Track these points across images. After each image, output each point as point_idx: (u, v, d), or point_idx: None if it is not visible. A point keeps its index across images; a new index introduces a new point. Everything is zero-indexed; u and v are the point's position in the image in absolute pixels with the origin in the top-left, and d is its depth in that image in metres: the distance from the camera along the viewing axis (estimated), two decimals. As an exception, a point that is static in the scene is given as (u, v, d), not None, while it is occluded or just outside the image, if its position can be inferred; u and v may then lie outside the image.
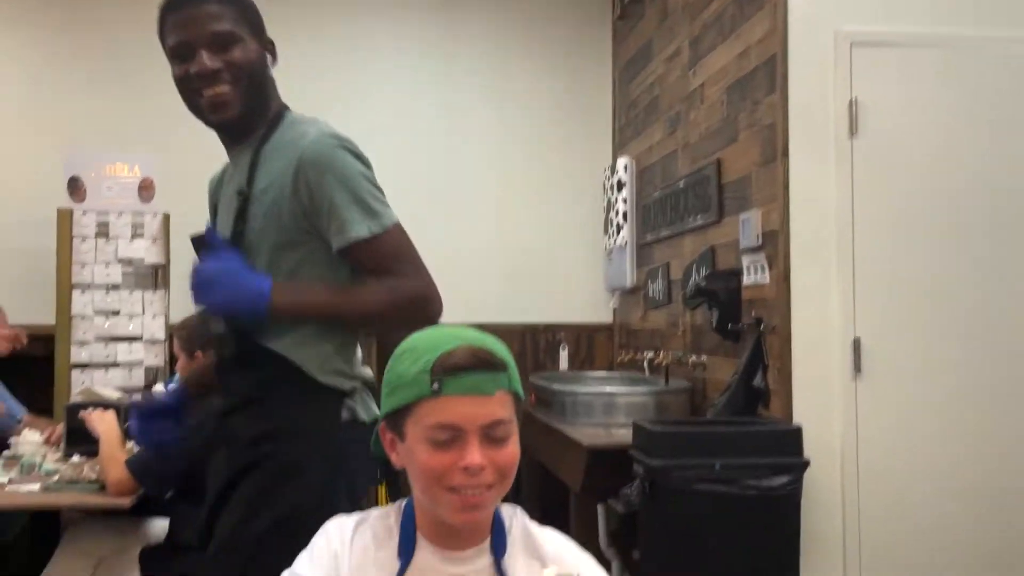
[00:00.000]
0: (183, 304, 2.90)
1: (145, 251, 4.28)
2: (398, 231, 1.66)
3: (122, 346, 4.15)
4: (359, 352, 1.75)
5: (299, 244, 1.63)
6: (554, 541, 1.21)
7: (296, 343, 1.63)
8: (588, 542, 3.83)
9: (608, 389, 4.01)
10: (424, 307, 1.66)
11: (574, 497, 3.63)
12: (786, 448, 2.89)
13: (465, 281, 4.92)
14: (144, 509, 2.87)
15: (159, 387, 3.21)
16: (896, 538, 3.09)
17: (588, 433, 3.47)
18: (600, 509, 3.81)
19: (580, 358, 5.19)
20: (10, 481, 2.69)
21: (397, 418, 1.13)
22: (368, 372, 1.75)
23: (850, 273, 3.10)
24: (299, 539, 1.17)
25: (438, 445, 1.08)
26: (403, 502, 1.19)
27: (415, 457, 1.11)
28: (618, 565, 3.84)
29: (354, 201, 1.60)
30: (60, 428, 3.08)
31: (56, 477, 2.68)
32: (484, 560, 1.15)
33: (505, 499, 1.19)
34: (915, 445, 3.11)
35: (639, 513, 3.10)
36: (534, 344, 5.14)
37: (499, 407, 1.10)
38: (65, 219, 4.19)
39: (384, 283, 1.62)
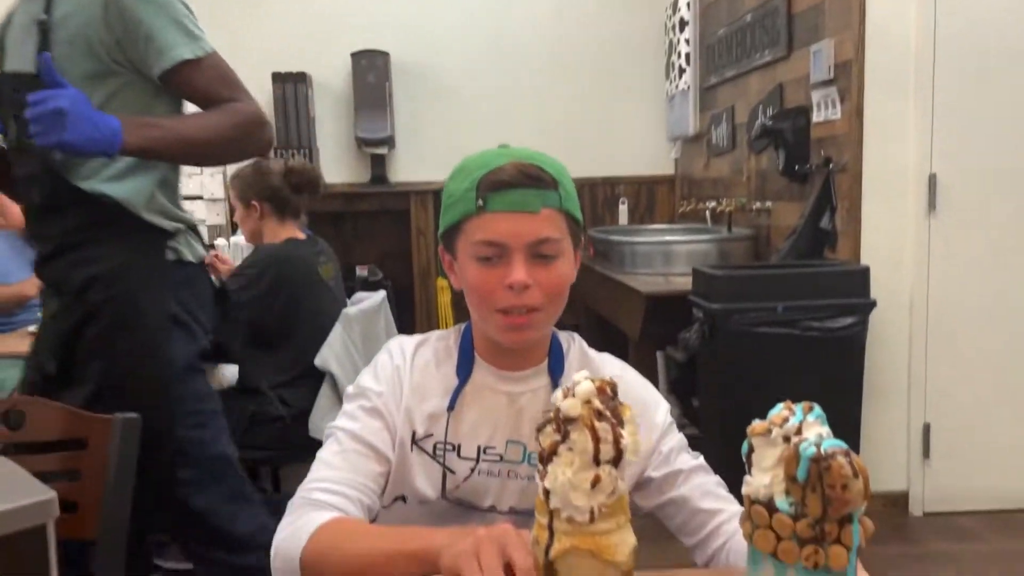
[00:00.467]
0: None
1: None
2: (219, 57, 1.61)
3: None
4: (181, 191, 1.73)
5: (110, 76, 1.57)
6: (611, 364, 1.19)
7: (114, 178, 1.58)
8: (648, 390, 3.87)
9: (668, 238, 3.93)
10: (263, 130, 1.64)
11: (633, 346, 3.64)
12: (853, 289, 2.81)
13: (521, 134, 4.79)
14: (215, 355, 2.97)
15: (220, 242, 3.25)
16: (961, 382, 3.02)
17: (647, 282, 3.43)
18: (659, 357, 3.82)
19: (640, 212, 5.09)
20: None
21: (450, 237, 1.11)
22: (191, 216, 1.73)
23: (928, 106, 2.91)
24: (143, 387, 1.12)
25: (484, 262, 1.07)
26: (463, 325, 1.19)
27: (465, 275, 1.10)
28: (678, 413, 3.88)
29: (174, 24, 1.54)
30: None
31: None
32: (541, 380, 1.14)
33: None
34: (987, 287, 2.98)
35: (698, 358, 3.09)
36: (592, 199, 5.04)
37: (546, 225, 1.06)
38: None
39: (222, 109, 1.58)
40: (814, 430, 0.71)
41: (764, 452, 0.74)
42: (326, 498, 1.02)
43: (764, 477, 0.72)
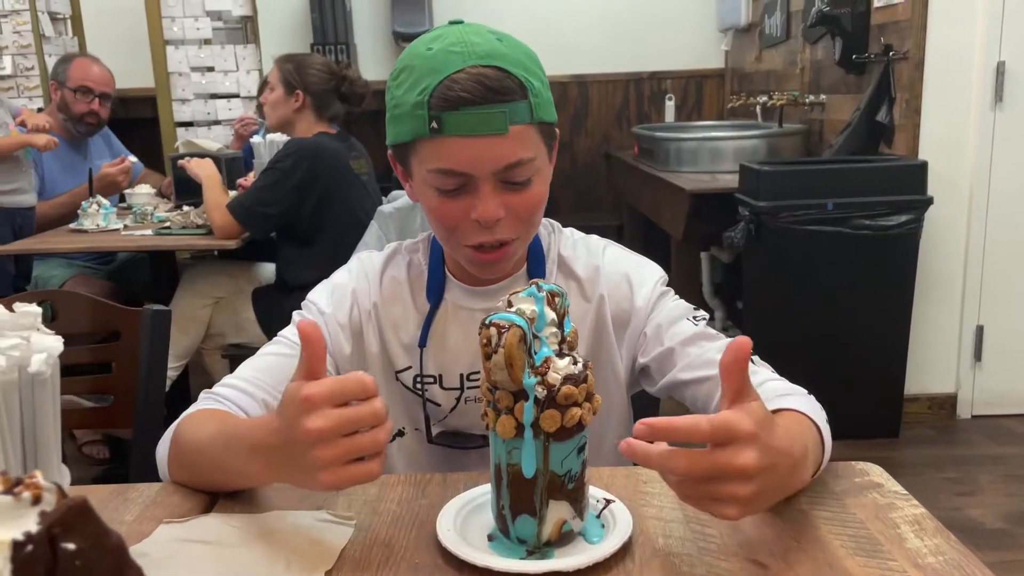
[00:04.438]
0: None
1: (232, 2, 4.16)
2: None
3: (221, 103, 4.16)
4: None
5: None
6: (594, 248, 1.06)
7: None
8: (691, 292, 3.81)
9: (715, 134, 3.79)
10: None
11: (676, 246, 3.56)
12: (909, 185, 2.68)
13: (564, 29, 4.63)
14: (254, 254, 2.98)
15: (256, 139, 3.21)
16: (1019, 283, 2.90)
17: (691, 179, 3.32)
18: (704, 258, 3.74)
19: (687, 108, 4.91)
20: (125, 227, 2.82)
21: (401, 151, 0.95)
22: None
23: (1001, -14, 2.70)
24: None
25: (445, 193, 0.91)
26: (430, 235, 1.05)
27: (425, 202, 0.95)
28: (722, 315, 3.83)
29: None
30: (170, 180, 3.16)
31: (167, 224, 2.78)
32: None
33: None
34: (1056, 183, 2.83)
35: (743, 258, 3.01)
36: (638, 95, 4.87)
37: (517, 145, 0.89)
38: (149, -28, 4.08)
39: None
40: (525, 305, 0.71)
41: None
42: (223, 391, 0.94)
43: None
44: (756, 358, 0.95)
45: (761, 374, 0.92)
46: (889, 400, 2.84)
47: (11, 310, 0.62)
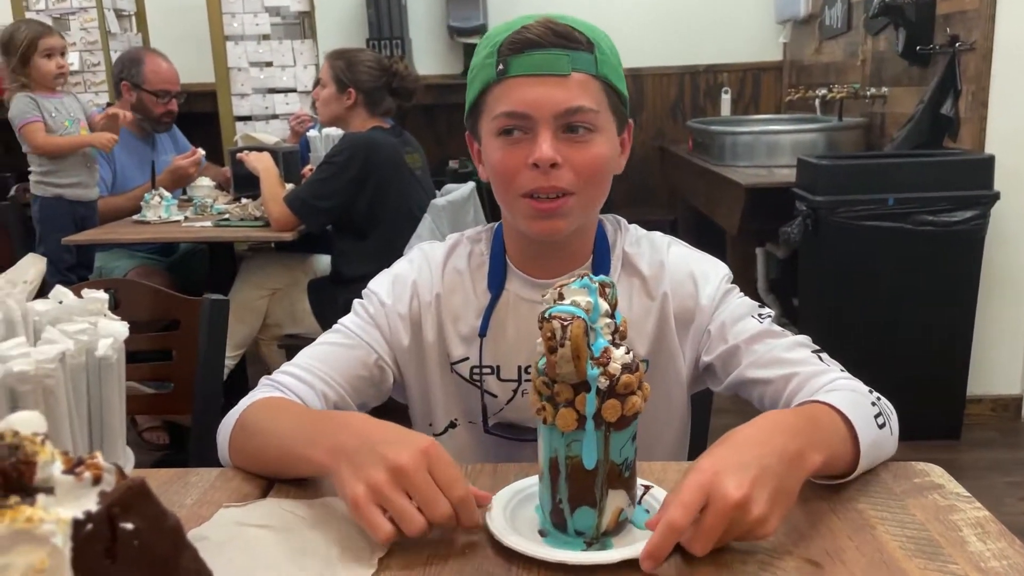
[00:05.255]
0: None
1: (289, -2, 4.23)
2: None
3: (278, 97, 4.22)
4: None
5: None
6: (659, 244, 1.04)
7: None
8: (745, 288, 3.75)
9: (772, 128, 3.72)
10: None
11: (730, 241, 3.52)
12: (974, 180, 2.60)
13: (618, 22, 4.58)
14: (310, 246, 3.03)
15: (312, 133, 3.25)
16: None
17: (747, 173, 3.28)
18: (759, 254, 3.69)
19: (744, 101, 4.83)
20: (186, 219, 2.89)
21: (474, 119, 0.98)
22: None
23: (1076, -27, 2.60)
24: None
25: (506, 139, 0.93)
26: (495, 225, 1.06)
27: (488, 159, 0.96)
28: (777, 312, 3.77)
29: None
30: (228, 172, 3.23)
31: (226, 216, 2.83)
32: None
33: None
34: None
35: (800, 254, 2.95)
36: (693, 88, 4.81)
37: (579, 91, 0.91)
38: (211, -30, 4.16)
39: None
40: (579, 296, 0.71)
41: None
42: (284, 379, 0.95)
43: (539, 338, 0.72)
44: (825, 356, 0.94)
45: (829, 374, 0.90)
46: (950, 401, 2.76)
47: (79, 295, 0.64)
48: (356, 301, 1.07)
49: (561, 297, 0.72)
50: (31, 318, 0.62)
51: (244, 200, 2.95)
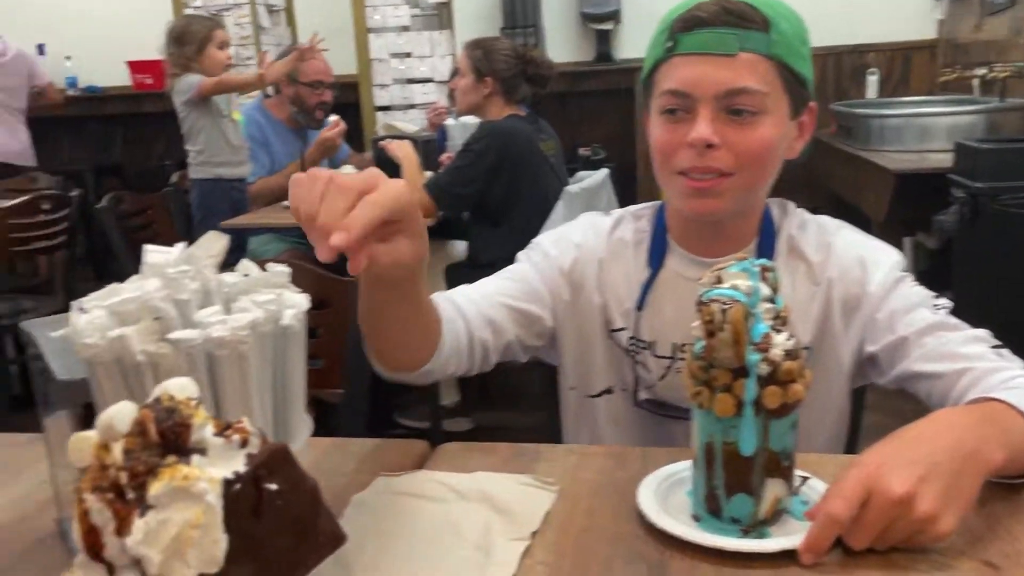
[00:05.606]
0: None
1: (428, -11, 4.33)
2: None
3: (417, 87, 4.34)
4: None
5: None
6: (827, 227, 1.01)
7: None
8: (891, 279, 3.56)
9: (925, 110, 3.52)
10: None
11: (876, 230, 3.34)
12: None
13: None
14: (447, 232, 3.10)
15: (450, 121, 3.32)
16: None
17: (896, 159, 3.11)
18: (907, 243, 3.50)
19: (892, 83, 4.58)
20: (330, 206, 3.02)
21: (646, 96, 0.98)
22: None
23: None
24: None
25: (668, 117, 0.92)
26: (657, 204, 1.06)
27: (651, 136, 0.97)
28: (926, 306, 3.56)
29: None
30: (370, 159, 3.36)
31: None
32: None
33: None
34: None
35: (955, 244, 2.78)
36: (837, 70, 4.60)
37: (745, 72, 0.88)
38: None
39: None
40: (739, 280, 0.69)
41: None
42: (454, 296, 0.98)
43: (696, 321, 0.71)
44: (1006, 352, 0.88)
45: (1009, 371, 0.85)
46: None
47: (263, 269, 0.69)
48: (520, 253, 1.09)
49: (719, 281, 0.70)
50: (223, 289, 0.66)
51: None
